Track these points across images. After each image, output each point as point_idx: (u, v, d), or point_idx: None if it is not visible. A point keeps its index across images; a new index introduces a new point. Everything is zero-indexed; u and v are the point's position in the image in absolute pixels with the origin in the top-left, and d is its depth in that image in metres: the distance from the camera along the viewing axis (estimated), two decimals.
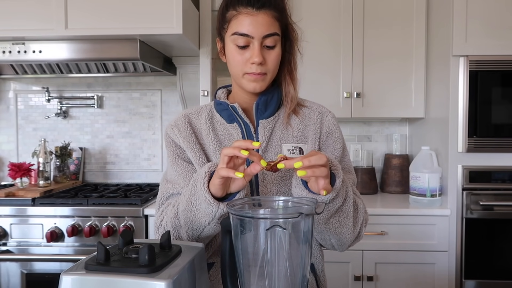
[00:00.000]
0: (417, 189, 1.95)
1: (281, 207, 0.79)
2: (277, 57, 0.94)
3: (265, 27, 0.89)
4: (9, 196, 2.04)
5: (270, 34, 0.90)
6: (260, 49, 0.90)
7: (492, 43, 1.83)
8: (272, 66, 0.94)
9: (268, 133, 0.98)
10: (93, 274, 0.63)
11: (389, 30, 2.17)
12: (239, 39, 0.90)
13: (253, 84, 0.94)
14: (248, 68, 0.92)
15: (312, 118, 1.02)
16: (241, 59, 0.92)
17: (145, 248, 0.63)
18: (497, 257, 1.86)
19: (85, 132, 2.58)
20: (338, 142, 1.01)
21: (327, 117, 1.04)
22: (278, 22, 0.92)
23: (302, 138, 1.00)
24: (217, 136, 0.99)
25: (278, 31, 0.93)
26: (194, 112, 1.04)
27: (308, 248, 0.71)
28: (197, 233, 0.88)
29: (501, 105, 1.84)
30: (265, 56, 0.92)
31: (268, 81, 0.96)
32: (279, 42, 0.95)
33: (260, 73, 0.92)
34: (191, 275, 0.69)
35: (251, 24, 0.89)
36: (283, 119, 1.00)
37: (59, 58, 1.99)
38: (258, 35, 0.89)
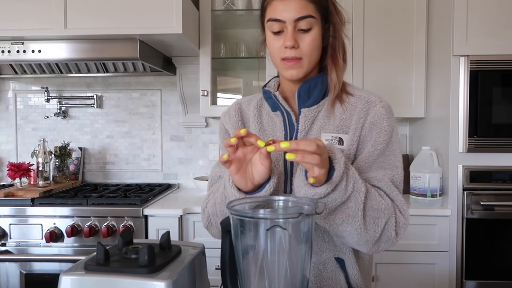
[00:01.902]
0: (417, 189, 1.95)
1: (281, 207, 0.79)
2: (312, 41, 0.91)
3: (297, 10, 0.88)
4: (8, 196, 2.03)
5: (303, 16, 0.89)
6: (293, 32, 0.89)
7: (493, 43, 1.83)
8: (307, 50, 0.91)
9: (309, 122, 0.95)
10: (93, 274, 0.62)
11: (390, 30, 2.17)
12: (273, 25, 0.91)
13: (290, 71, 0.92)
14: (283, 53, 0.91)
15: (358, 108, 0.95)
16: (277, 45, 0.92)
17: (145, 248, 0.63)
18: (498, 257, 1.86)
19: (85, 132, 2.58)
20: (382, 134, 0.93)
21: (376, 107, 0.95)
22: (314, 4, 0.90)
23: (343, 128, 0.95)
24: (262, 124, 1.01)
25: (314, 14, 0.90)
26: (246, 101, 1.07)
27: (308, 248, 0.71)
28: None
29: (502, 105, 1.84)
30: (299, 40, 0.90)
31: (306, 66, 0.93)
32: (317, 25, 0.91)
33: (294, 57, 0.90)
34: (191, 275, 0.69)
35: (283, 9, 0.89)
36: (327, 107, 0.96)
37: (59, 58, 1.99)
38: (290, 19, 0.89)
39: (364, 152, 0.93)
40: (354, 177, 0.81)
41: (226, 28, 2.37)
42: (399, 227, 0.89)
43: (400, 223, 0.89)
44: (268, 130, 0.99)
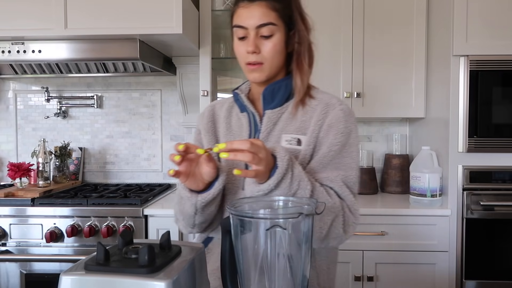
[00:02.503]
0: (417, 189, 1.95)
1: (281, 207, 0.79)
2: (273, 47, 0.96)
3: (258, 18, 0.94)
4: (8, 196, 2.03)
5: (264, 24, 0.94)
6: (254, 39, 0.95)
7: (493, 43, 1.83)
8: (268, 55, 0.96)
9: (272, 123, 1.00)
10: (93, 274, 0.62)
11: (389, 30, 2.17)
12: (238, 31, 0.97)
13: (253, 74, 0.98)
14: (246, 58, 0.97)
15: (317, 110, 1.00)
16: (241, 50, 0.98)
17: (145, 248, 0.63)
18: (498, 257, 1.86)
19: (85, 132, 2.58)
20: (339, 136, 0.96)
21: (335, 109, 0.99)
22: (276, 12, 0.95)
23: (303, 130, 0.99)
24: (230, 124, 1.06)
25: (275, 21, 0.95)
26: (220, 102, 1.14)
27: (308, 248, 0.71)
28: (191, 221, 0.96)
29: (502, 105, 1.84)
30: (261, 46, 0.96)
31: (268, 70, 0.98)
32: (279, 32, 0.96)
33: (256, 62, 0.96)
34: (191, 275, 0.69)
35: (246, 16, 0.95)
36: (290, 110, 1.01)
37: (59, 58, 1.99)
38: (252, 26, 0.94)
39: (320, 152, 0.97)
40: (300, 176, 0.86)
41: (226, 28, 2.36)
42: (348, 226, 0.94)
43: (349, 221, 0.94)
44: (236, 130, 1.05)
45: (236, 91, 1.07)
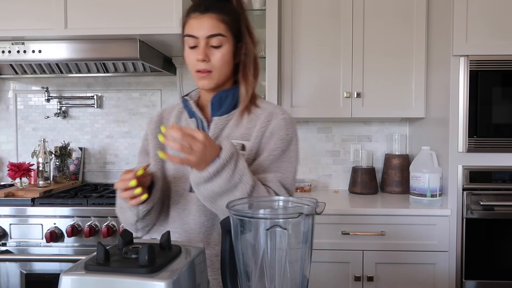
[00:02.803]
0: (417, 189, 1.95)
1: (281, 207, 0.79)
2: (222, 56, 1.02)
3: (209, 29, 1.00)
4: (8, 196, 2.03)
5: (214, 34, 1.00)
6: (204, 48, 1.00)
7: (493, 43, 1.83)
8: (217, 64, 1.02)
9: (219, 129, 1.06)
10: (93, 274, 0.62)
11: (389, 30, 2.17)
12: (189, 40, 1.02)
13: (202, 81, 1.04)
14: (196, 65, 1.02)
15: (261, 118, 1.05)
16: (192, 58, 1.03)
17: (145, 248, 0.63)
18: (498, 257, 1.86)
19: (85, 132, 2.58)
20: (279, 142, 1.02)
21: (277, 119, 1.05)
22: (225, 24, 1.01)
23: (247, 136, 1.04)
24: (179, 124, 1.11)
25: (225, 33, 1.01)
26: (169, 108, 1.19)
27: (308, 248, 0.71)
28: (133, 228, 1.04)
29: (502, 105, 1.84)
30: (210, 55, 1.01)
31: (216, 78, 1.04)
32: (227, 43, 1.02)
33: (205, 70, 1.02)
34: (191, 275, 0.69)
35: (197, 27, 1.00)
36: (236, 117, 1.07)
37: (59, 58, 1.99)
38: (202, 35, 1.00)
39: (261, 157, 1.02)
40: (243, 171, 0.91)
41: None
42: None
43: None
44: None
45: (185, 97, 1.12)
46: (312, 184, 2.50)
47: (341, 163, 2.54)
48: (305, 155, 2.54)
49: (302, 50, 2.22)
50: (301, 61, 2.22)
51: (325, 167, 2.54)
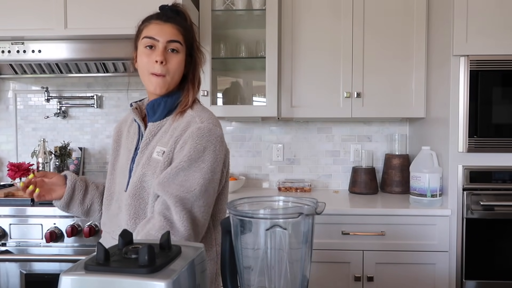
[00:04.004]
0: (417, 189, 1.95)
1: (281, 207, 0.79)
2: (178, 62, 1.09)
3: (169, 34, 1.07)
4: (8, 196, 2.03)
5: (174, 40, 1.07)
6: (163, 50, 1.07)
7: (493, 43, 1.83)
8: (172, 68, 1.08)
9: (151, 135, 1.11)
10: (93, 274, 0.62)
11: (390, 30, 2.17)
12: (147, 41, 1.07)
13: (154, 85, 1.08)
14: (152, 67, 1.06)
15: (181, 126, 1.08)
16: (148, 60, 1.07)
17: (145, 248, 0.63)
18: (498, 257, 1.86)
19: (85, 132, 2.58)
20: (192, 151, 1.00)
21: (193, 127, 1.05)
22: (182, 36, 1.09)
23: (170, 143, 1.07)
24: (130, 132, 1.18)
25: (182, 42, 1.09)
26: (127, 115, 1.26)
27: (308, 248, 0.71)
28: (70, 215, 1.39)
29: (502, 105, 1.84)
30: (168, 58, 1.07)
31: (169, 83, 1.09)
32: (182, 52, 1.10)
33: (161, 74, 1.06)
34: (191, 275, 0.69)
35: (158, 30, 1.07)
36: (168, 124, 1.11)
37: (59, 58, 1.99)
38: (163, 39, 1.07)
39: (169, 167, 1.02)
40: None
41: (226, 28, 2.37)
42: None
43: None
44: (132, 136, 1.17)
45: (133, 103, 1.19)
46: (312, 184, 2.50)
47: (341, 163, 2.54)
48: (305, 155, 2.54)
49: (302, 50, 2.22)
50: (301, 61, 2.22)
51: (325, 167, 2.54)
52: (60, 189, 1.19)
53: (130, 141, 1.17)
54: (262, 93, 2.33)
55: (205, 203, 1.00)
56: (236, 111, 2.22)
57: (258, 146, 2.56)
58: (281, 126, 2.55)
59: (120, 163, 1.18)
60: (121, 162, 1.17)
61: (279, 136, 2.55)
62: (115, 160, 1.21)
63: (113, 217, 1.13)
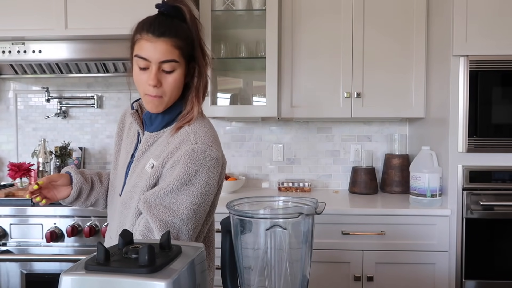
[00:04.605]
0: (417, 189, 1.95)
1: (281, 207, 0.79)
2: (174, 82, 0.99)
3: (162, 54, 0.96)
4: (8, 196, 2.03)
5: (167, 60, 0.96)
6: (156, 73, 0.97)
7: (493, 43, 1.83)
8: (168, 90, 0.99)
9: (147, 145, 1.06)
10: (93, 274, 0.63)
11: (389, 30, 2.17)
12: (139, 61, 0.98)
13: (150, 105, 1.02)
14: (147, 89, 0.99)
15: (174, 143, 1.01)
16: (142, 80, 1.00)
17: (145, 248, 0.63)
18: (498, 257, 1.86)
19: (85, 132, 2.58)
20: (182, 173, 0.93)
21: (186, 146, 0.97)
22: (179, 50, 0.98)
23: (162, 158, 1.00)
24: (131, 130, 1.14)
25: (178, 59, 0.98)
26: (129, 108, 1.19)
27: (308, 248, 0.71)
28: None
29: (502, 105, 1.84)
30: (162, 79, 0.98)
31: (166, 103, 1.01)
32: (180, 68, 0.99)
33: (156, 95, 0.99)
34: (191, 275, 0.69)
35: (150, 50, 0.96)
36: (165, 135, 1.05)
37: (59, 58, 1.99)
38: (155, 60, 0.96)
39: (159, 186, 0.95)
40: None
41: (226, 28, 2.37)
42: None
43: None
44: (131, 138, 1.13)
45: (133, 103, 1.13)
46: (312, 184, 2.50)
47: (341, 163, 2.54)
48: (305, 155, 2.55)
49: (302, 50, 2.22)
50: (301, 61, 2.22)
51: (325, 167, 2.55)
52: (65, 190, 1.16)
53: (129, 142, 1.13)
54: (262, 93, 2.33)
55: (193, 227, 0.95)
56: (236, 111, 2.22)
57: (258, 146, 2.56)
58: (281, 126, 2.55)
59: (120, 162, 1.15)
60: (120, 162, 1.14)
61: (279, 136, 2.56)
62: (117, 155, 1.18)
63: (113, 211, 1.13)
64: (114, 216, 1.10)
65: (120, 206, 1.06)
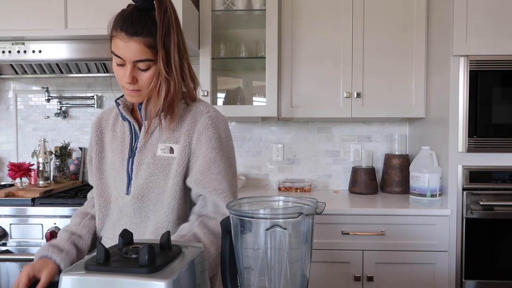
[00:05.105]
0: (417, 189, 1.95)
1: (281, 207, 0.79)
2: (149, 77, 1.00)
3: (135, 53, 0.96)
4: (9, 196, 2.03)
5: (141, 60, 0.97)
6: (131, 71, 0.98)
7: (493, 43, 1.83)
8: (145, 85, 1.00)
9: (149, 133, 1.06)
10: (93, 274, 0.63)
11: (389, 30, 2.17)
12: (115, 58, 1.00)
13: (129, 98, 1.04)
14: (124, 83, 1.01)
15: (187, 119, 1.06)
16: (120, 74, 1.01)
17: (145, 248, 0.63)
18: (497, 257, 1.86)
19: (85, 132, 2.58)
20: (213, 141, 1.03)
21: (202, 117, 1.05)
22: (152, 48, 0.97)
23: (175, 139, 1.05)
24: (116, 130, 1.12)
25: (152, 57, 0.98)
26: (108, 109, 1.19)
27: (308, 248, 0.71)
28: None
29: (502, 105, 1.84)
30: (138, 76, 1.00)
31: (145, 95, 1.02)
32: (155, 64, 0.99)
33: (134, 90, 1.01)
34: (191, 275, 0.69)
35: (123, 49, 0.97)
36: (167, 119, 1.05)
37: (59, 58, 1.99)
38: (129, 59, 0.97)
39: (197, 163, 1.03)
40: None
41: (226, 28, 2.38)
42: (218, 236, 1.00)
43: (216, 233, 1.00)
44: (119, 136, 1.11)
45: (118, 100, 1.11)
46: (312, 184, 2.50)
47: (341, 163, 2.54)
48: (305, 155, 2.55)
49: (302, 50, 2.22)
50: (301, 61, 2.22)
51: (325, 167, 2.55)
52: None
53: (118, 141, 1.10)
54: (262, 93, 2.33)
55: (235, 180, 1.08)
56: (236, 111, 2.22)
57: (258, 146, 2.56)
58: (281, 126, 2.55)
59: (109, 165, 1.11)
60: (110, 165, 1.10)
61: (279, 136, 2.56)
62: (101, 163, 1.13)
63: (115, 222, 1.09)
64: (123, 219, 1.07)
65: (133, 202, 1.05)
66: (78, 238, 1.09)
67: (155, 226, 1.04)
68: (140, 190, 1.04)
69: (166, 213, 1.03)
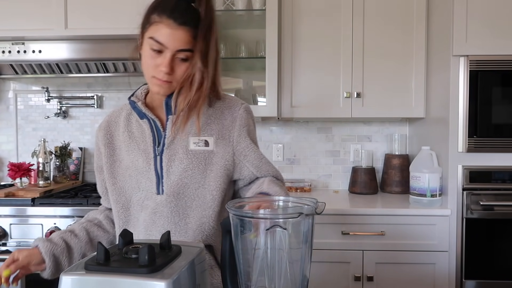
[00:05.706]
0: (417, 189, 1.95)
1: (281, 207, 0.79)
2: (186, 69, 0.97)
3: (181, 42, 0.94)
4: (8, 196, 2.03)
5: (184, 49, 0.95)
6: (171, 60, 0.95)
7: (493, 43, 1.83)
8: (179, 77, 0.98)
9: (176, 128, 1.01)
10: (93, 274, 0.63)
11: (389, 30, 2.17)
12: (154, 44, 0.95)
13: (158, 88, 0.99)
14: (157, 73, 0.96)
15: (225, 112, 1.07)
16: (152, 63, 0.97)
17: (145, 248, 0.63)
18: (498, 257, 1.86)
19: (85, 132, 2.58)
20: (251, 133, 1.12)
21: (240, 110, 1.08)
22: (194, 39, 0.95)
23: (209, 131, 1.04)
24: (132, 131, 1.07)
25: (194, 48, 0.96)
26: (115, 112, 1.13)
27: (308, 248, 0.71)
28: None
29: (502, 105, 1.84)
30: (175, 67, 0.97)
31: (174, 87, 1.00)
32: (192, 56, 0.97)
33: (166, 81, 0.97)
34: (191, 275, 0.69)
35: (169, 36, 0.93)
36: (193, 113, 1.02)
37: (59, 58, 1.99)
38: (173, 48, 0.94)
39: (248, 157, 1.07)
40: None
41: (226, 28, 2.37)
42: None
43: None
44: (138, 136, 1.06)
45: (132, 99, 1.07)
46: (312, 184, 2.50)
47: (341, 163, 2.54)
48: (305, 155, 2.55)
49: (302, 50, 2.22)
50: (301, 61, 2.22)
51: (325, 167, 2.55)
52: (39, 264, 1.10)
53: (139, 141, 1.05)
54: (262, 93, 2.33)
55: None
56: None
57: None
58: (281, 126, 2.55)
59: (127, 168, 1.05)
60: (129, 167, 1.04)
61: (279, 136, 2.56)
62: (112, 166, 1.07)
63: (149, 225, 1.01)
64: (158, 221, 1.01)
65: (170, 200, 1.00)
66: (72, 236, 1.09)
67: (198, 221, 1.00)
68: (176, 188, 0.99)
69: (211, 206, 1.01)
